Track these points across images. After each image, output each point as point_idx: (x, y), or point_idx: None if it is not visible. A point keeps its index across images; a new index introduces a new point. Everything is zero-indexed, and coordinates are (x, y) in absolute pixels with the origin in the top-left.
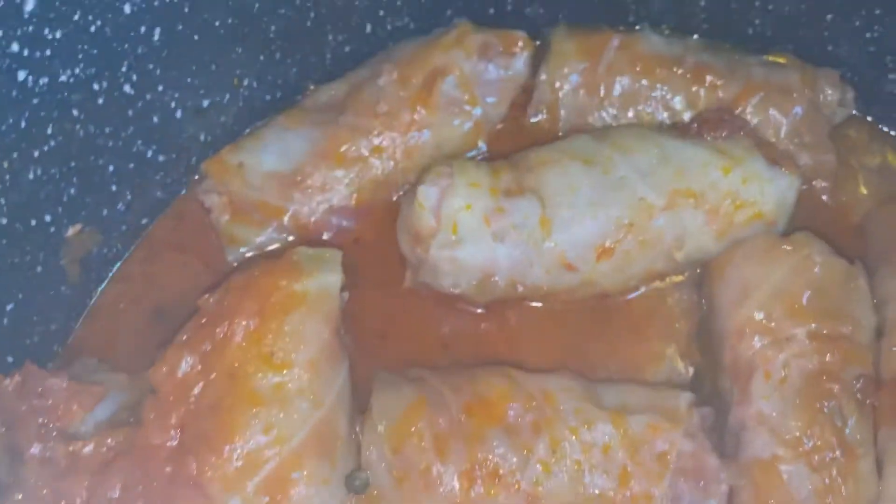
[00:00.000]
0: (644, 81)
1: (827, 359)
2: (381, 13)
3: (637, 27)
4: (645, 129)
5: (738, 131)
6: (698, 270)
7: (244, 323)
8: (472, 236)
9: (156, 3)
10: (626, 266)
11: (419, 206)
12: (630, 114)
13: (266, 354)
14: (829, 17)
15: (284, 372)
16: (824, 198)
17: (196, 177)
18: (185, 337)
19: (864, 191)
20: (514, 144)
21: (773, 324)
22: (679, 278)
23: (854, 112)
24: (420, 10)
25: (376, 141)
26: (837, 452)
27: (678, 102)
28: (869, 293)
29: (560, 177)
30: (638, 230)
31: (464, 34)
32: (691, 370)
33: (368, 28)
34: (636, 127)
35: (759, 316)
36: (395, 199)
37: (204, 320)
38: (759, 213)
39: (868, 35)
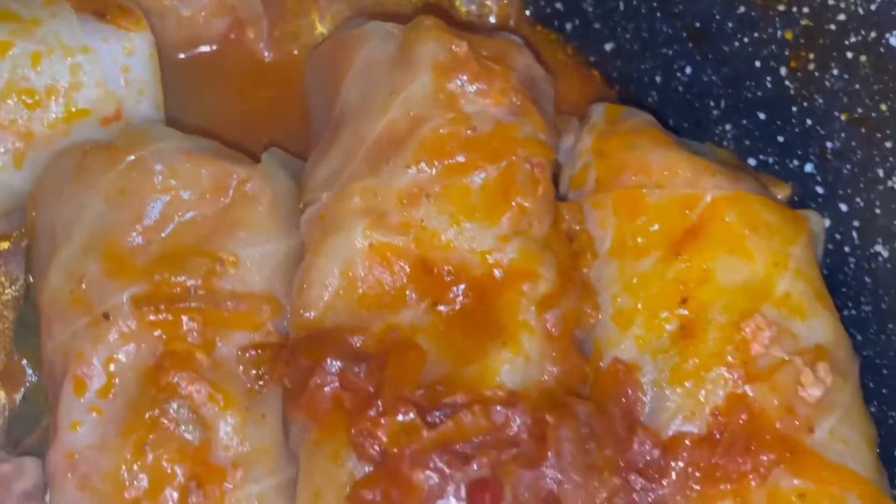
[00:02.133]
0: None
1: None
2: None
3: None
4: None
5: None
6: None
7: None
8: None
9: None
10: None
11: None
12: None
13: None
14: None
15: None
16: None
17: None
18: None
19: (321, 30)
20: None
21: (88, 294)
22: (5, 245)
23: None
24: None
25: None
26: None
27: None
28: (271, 204)
29: None
30: None
31: None
32: (18, 398)
33: None
34: None
35: (62, 281)
36: None
37: None
38: (75, 112)
39: None
